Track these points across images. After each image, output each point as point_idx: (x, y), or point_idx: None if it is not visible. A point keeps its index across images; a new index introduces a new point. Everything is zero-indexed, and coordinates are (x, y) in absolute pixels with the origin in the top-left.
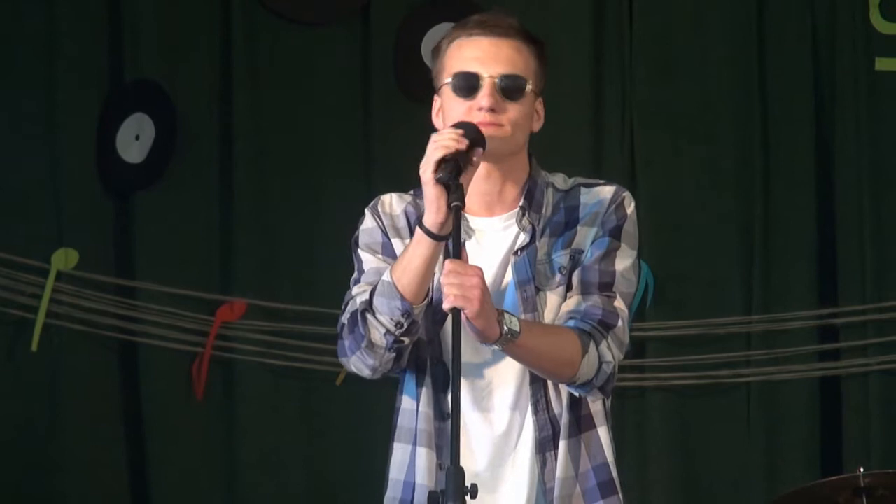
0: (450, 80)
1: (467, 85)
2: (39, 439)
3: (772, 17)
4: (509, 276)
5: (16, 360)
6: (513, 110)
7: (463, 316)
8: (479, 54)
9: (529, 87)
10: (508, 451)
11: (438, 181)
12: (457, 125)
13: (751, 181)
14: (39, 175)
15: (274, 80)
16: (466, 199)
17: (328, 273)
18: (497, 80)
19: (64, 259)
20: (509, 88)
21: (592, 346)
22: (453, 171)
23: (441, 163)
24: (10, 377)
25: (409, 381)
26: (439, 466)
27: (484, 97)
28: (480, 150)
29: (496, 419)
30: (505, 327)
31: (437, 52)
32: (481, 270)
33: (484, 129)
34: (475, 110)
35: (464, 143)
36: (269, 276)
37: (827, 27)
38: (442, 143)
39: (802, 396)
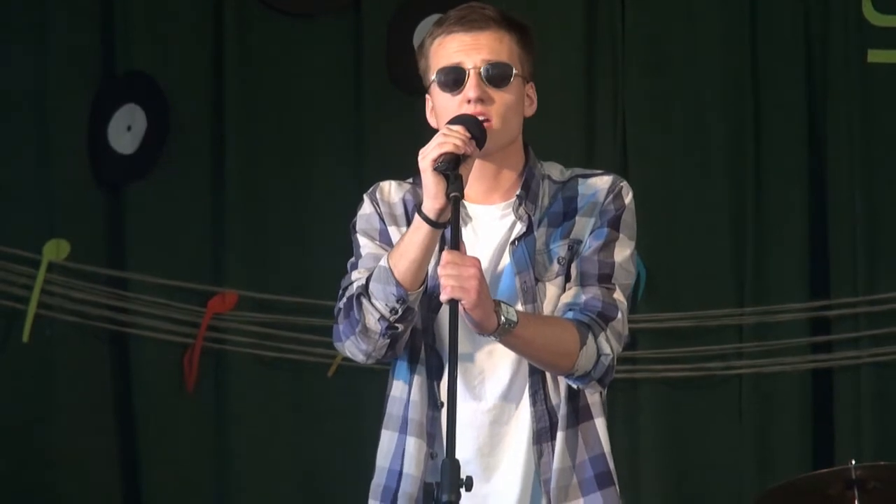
0: (435, 76)
1: (453, 78)
2: (30, 430)
3: (764, 9)
4: (505, 265)
5: (7, 352)
6: (501, 98)
7: (460, 307)
8: (460, 48)
9: (515, 72)
10: (499, 440)
11: (436, 170)
12: (458, 120)
13: (743, 173)
14: (31, 166)
15: (265, 71)
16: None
17: (320, 264)
18: (481, 70)
19: (55, 250)
20: (495, 76)
21: (591, 338)
22: (451, 162)
23: (442, 155)
24: (0, 368)
25: (402, 368)
26: (430, 456)
27: (471, 88)
28: (476, 145)
29: (487, 408)
30: (502, 317)
31: (420, 52)
32: (479, 261)
33: None
34: (464, 104)
35: (471, 149)
36: (261, 268)
37: (819, 19)
38: (452, 140)
39: (794, 389)
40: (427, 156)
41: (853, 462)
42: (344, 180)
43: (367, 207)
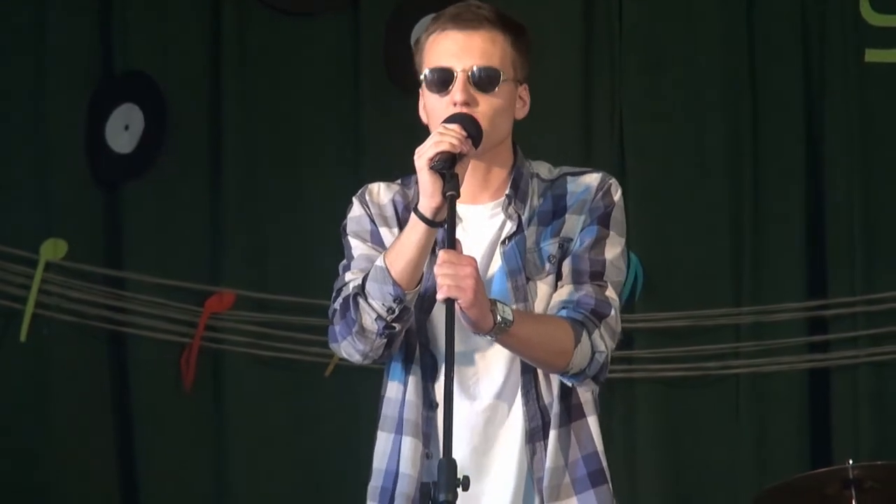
0: (424, 76)
1: (441, 79)
2: (28, 430)
3: (762, 8)
4: (496, 264)
5: (4, 351)
6: (487, 102)
7: (457, 306)
8: (452, 48)
9: (504, 77)
10: (493, 440)
11: (433, 168)
12: (454, 118)
13: (740, 172)
14: (29, 165)
15: (264, 70)
16: None
17: (317, 264)
18: (470, 74)
19: (53, 249)
20: (483, 81)
21: (585, 335)
22: (448, 160)
23: (438, 153)
24: None
25: (396, 369)
26: (426, 455)
27: (457, 91)
28: (472, 143)
29: (482, 408)
30: (498, 317)
31: (416, 46)
32: (475, 261)
33: None
34: (451, 106)
35: (467, 147)
36: (259, 267)
37: (817, 18)
38: (448, 139)
39: (792, 388)
40: (423, 154)
41: (850, 461)
42: (342, 179)
43: (356, 209)
